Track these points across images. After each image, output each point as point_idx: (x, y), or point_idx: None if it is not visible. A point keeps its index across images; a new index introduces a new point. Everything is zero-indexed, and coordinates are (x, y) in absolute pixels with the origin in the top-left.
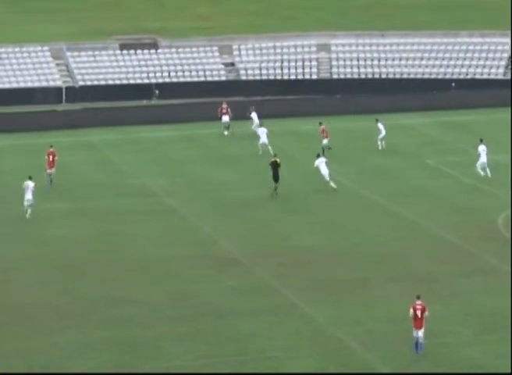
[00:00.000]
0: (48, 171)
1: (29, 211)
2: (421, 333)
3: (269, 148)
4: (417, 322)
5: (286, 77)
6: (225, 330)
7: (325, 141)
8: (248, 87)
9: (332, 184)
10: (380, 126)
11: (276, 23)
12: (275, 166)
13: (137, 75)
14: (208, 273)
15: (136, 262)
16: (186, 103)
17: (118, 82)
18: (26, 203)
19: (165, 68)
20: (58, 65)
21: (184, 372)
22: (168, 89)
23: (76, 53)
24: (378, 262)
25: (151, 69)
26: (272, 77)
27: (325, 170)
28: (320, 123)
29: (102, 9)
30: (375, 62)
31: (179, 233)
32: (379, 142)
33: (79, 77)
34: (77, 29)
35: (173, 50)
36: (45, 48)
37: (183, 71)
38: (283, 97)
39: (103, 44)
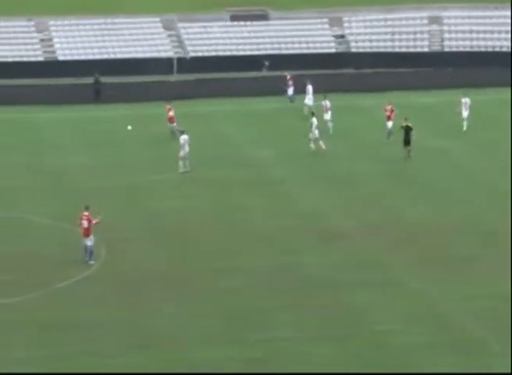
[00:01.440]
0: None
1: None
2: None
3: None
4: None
5: (396, 50)
6: (332, 303)
7: (389, 124)
8: (358, 59)
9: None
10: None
11: None
12: (407, 129)
13: (247, 46)
14: (316, 245)
15: (245, 232)
16: (295, 75)
17: (228, 53)
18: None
19: (275, 40)
20: (169, 36)
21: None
22: (278, 61)
23: (187, 24)
24: (489, 238)
25: (261, 40)
26: (382, 50)
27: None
28: (388, 103)
29: None
30: (488, 35)
31: (286, 204)
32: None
33: (190, 48)
34: (188, 0)
35: (284, 22)
36: (157, 19)
37: (293, 43)
38: (394, 70)
39: (214, 16)
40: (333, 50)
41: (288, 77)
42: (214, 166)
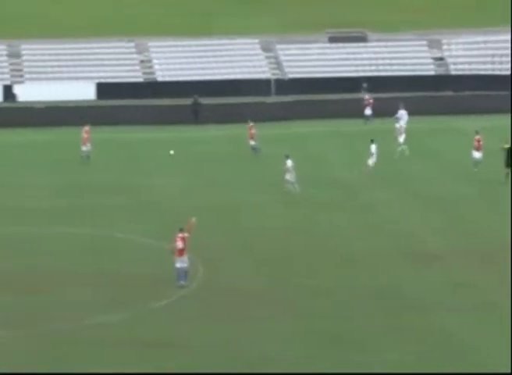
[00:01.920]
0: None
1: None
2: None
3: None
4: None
5: (496, 72)
6: (428, 326)
7: (477, 155)
8: (457, 81)
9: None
10: None
11: (486, 17)
12: (510, 151)
13: (346, 68)
14: (411, 267)
15: (339, 254)
16: (393, 97)
17: (326, 75)
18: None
19: (373, 61)
20: (267, 57)
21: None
22: (376, 82)
23: (285, 46)
24: None
25: (360, 62)
26: (482, 72)
27: None
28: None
29: (312, 2)
30: None
31: (380, 226)
32: None
33: (288, 70)
34: (287, 22)
35: (382, 43)
36: (256, 40)
37: (391, 65)
38: (493, 92)
39: (312, 37)
40: (432, 72)
41: (367, 98)
42: (308, 186)
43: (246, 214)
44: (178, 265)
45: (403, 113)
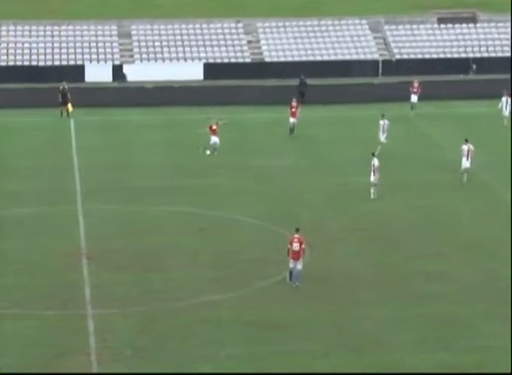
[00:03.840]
0: None
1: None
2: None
3: None
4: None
5: None
6: None
7: None
8: None
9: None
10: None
11: None
12: None
13: (454, 49)
14: None
15: (450, 238)
16: (502, 79)
17: (434, 56)
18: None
19: (483, 43)
20: (375, 38)
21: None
22: (486, 64)
23: (393, 26)
24: None
25: (469, 43)
26: None
27: None
28: None
29: None
30: None
31: (494, 211)
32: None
33: (395, 50)
34: (395, 2)
35: (492, 24)
36: (364, 21)
37: (502, 46)
38: None
39: (421, 18)
40: None
41: (415, 84)
42: (416, 170)
43: (357, 196)
44: (291, 265)
45: (506, 100)
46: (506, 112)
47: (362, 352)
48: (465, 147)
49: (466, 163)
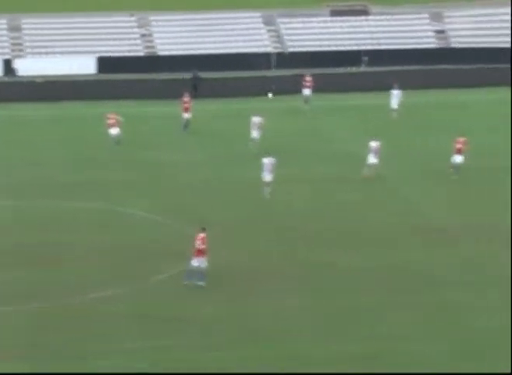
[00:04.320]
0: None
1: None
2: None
3: None
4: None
5: (500, 45)
6: (435, 300)
7: (458, 159)
8: (458, 55)
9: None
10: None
11: None
12: None
13: (347, 42)
14: (420, 242)
15: (346, 228)
16: (393, 70)
17: (327, 49)
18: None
19: (374, 35)
20: (268, 31)
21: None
22: (377, 56)
23: (286, 19)
24: None
25: (361, 36)
26: (484, 45)
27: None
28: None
29: None
30: None
31: (388, 201)
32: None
33: (289, 43)
34: None
35: (383, 17)
36: (257, 14)
37: (393, 38)
38: (494, 65)
39: (314, 11)
40: (433, 45)
41: (307, 78)
42: (312, 162)
43: (254, 189)
44: (196, 264)
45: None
46: (395, 105)
47: (261, 345)
48: (373, 144)
49: (373, 159)
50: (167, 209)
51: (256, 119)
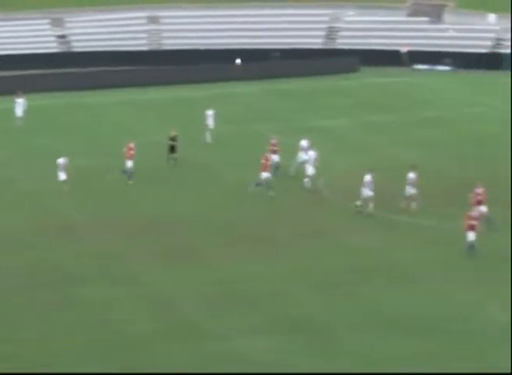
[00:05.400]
0: None
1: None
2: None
3: None
4: None
5: (118, 49)
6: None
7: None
8: (80, 58)
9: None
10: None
11: None
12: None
13: None
14: (45, 238)
15: None
16: (17, 75)
17: None
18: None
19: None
20: None
21: None
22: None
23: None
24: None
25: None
26: (104, 49)
27: None
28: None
29: None
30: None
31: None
32: None
33: None
34: None
35: (4, 23)
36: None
37: (17, 43)
38: (114, 68)
39: None
40: (55, 50)
41: None
42: None
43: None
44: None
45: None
46: (20, 113)
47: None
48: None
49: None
50: None
51: None
